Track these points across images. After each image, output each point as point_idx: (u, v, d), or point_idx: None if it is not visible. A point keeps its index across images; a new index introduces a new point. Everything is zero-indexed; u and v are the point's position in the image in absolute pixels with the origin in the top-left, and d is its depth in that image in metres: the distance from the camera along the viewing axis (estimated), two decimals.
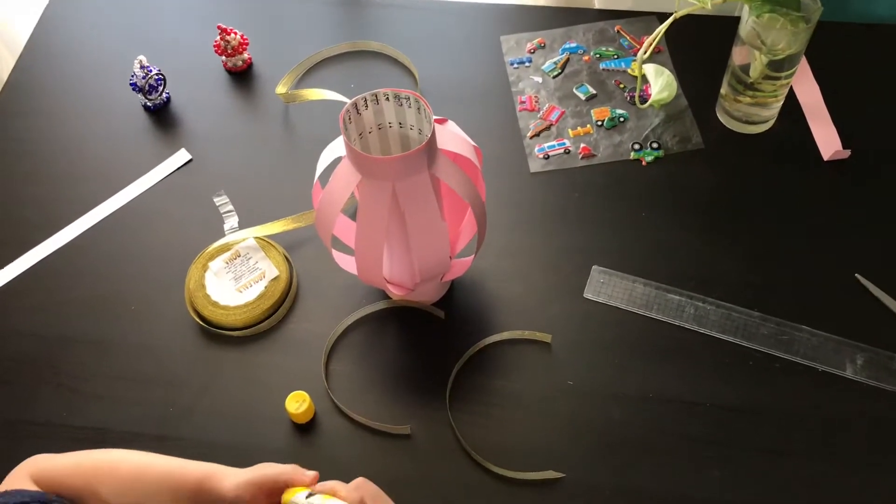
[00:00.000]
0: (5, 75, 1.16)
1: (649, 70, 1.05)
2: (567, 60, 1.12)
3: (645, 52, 1.05)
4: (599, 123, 1.06)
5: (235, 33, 1.10)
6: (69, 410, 0.88)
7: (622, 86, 1.10)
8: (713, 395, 0.86)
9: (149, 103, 1.10)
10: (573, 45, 1.14)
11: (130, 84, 1.07)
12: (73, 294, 0.96)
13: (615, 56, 1.12)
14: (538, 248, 0.97)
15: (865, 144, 1.02)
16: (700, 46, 1.11)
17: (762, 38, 0.93)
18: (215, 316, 0.92)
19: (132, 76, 1.07)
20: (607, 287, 0.93)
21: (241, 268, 0.95)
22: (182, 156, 1.06)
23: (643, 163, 1.03)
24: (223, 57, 1.12)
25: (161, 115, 1.10)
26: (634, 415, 0.86)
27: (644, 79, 1.06)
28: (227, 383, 0.89)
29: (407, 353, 0.91)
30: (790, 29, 0.93)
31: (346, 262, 0.89)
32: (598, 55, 1.13)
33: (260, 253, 0.96)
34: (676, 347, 0.89)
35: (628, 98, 1.08)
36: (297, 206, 1.00)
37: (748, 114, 1.02)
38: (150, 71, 1.07)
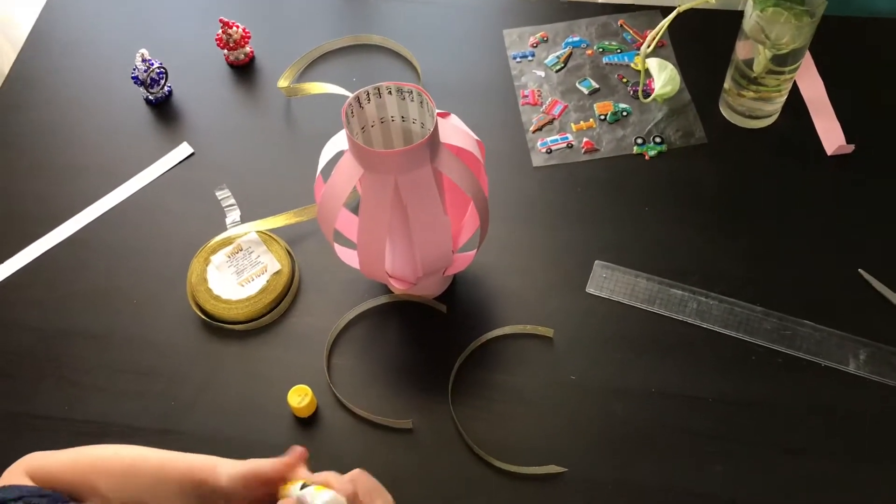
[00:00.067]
0: (7, 68, 1.16)
1: (652, 64, 1.04)
2: (570, 54, 1.12)
3: (648, 47, 1.04)
4: (602, 118, 1.06)
5: (237, 27, 1.10)
6: (71, 404, 0.88)
7: (625, 80, 1.09)
8: (715, 390, 0.86)
9: (151, 97, 1.09)
10: (576, 39, 1.13)
11: (132, 77, 1.07)
12: (75, 288, 0.96)
13: (618, 50, 1.12)
14: (541, 242, 0.97)
15: (869, 139, 1.01)
16: (703, 41, 1.11)
17: (766, 32, 0.93)
18: (217, 310, 0.92)
19: (134, 70, 1.07)
20: (610, 282, 0.93)
21: (243, 262, 0.95)
22: (184, 149, 1.06)
23: (646, 157, 1.03)
24: (225, 50, 1.12)
25: (163, 109, 1.10)
26: (636, 409, 0.85)
27: (647, 73, 1.06)
28: (229, 377, 0.89)
29: (409, 347, 0.91)
30: (794, 23, 0.93)
31: (349, 257, 0.89)
32: (601, 49, 1.12)
33: (262, 247, 0.96)
34: (679, 342, 0.89)
35: (631, 92, 1.08)
36: (300, 200, 1.00)
37: (752, 108, 1.02)
38: (152, 64, 1.07)
